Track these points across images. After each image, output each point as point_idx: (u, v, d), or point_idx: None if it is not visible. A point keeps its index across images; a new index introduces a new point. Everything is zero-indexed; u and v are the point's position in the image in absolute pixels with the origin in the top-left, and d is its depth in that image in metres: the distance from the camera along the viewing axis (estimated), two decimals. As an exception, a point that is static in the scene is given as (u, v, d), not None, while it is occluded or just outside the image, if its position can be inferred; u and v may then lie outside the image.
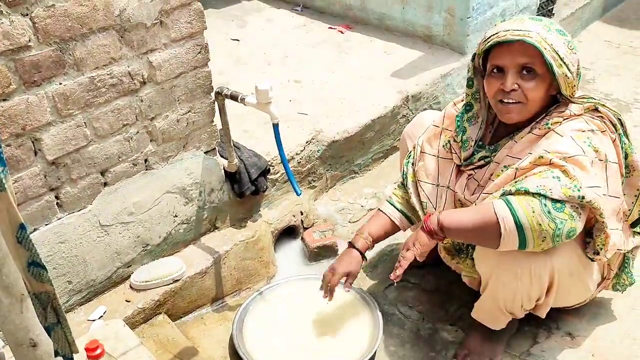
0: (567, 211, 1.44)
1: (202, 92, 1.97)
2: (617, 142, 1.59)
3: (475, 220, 1.53)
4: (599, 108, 1.59)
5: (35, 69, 1.54)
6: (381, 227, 1.95)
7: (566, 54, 1.51)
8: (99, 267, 1.91)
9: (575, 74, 1.54)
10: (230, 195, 2.22)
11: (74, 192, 1.77)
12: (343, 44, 3.42)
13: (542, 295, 1.66)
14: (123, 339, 1.72)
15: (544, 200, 1.43)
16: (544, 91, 1.56)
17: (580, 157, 1.48)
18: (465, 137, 1.74)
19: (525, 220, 1.43)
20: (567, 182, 1.44)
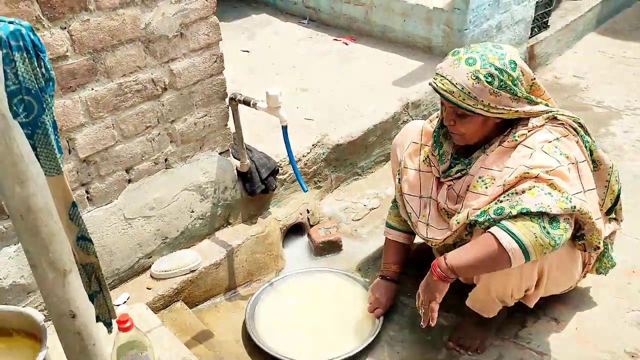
0: (562, 226, 1.60)
1: (217, 98, 2.16)
2: (580, 143, 1.75)
3: (482, 256, 1.65)
4: (557, 116, 1.75)
5: (72, 76, 1.73)
6: (399, 254, 2.20)
7: (492, 99, 1.65)
8: (123, 257, 2.09)
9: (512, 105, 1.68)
10: (242, 194, 2.40)
11: (102, 187, 1.95)
12: (347, 54, 3.61)
13: (532, 287, 1.81)
14: (146, 320, 1.89)
15: (541, 221, 1.57)
16: (479, 124, 1.73)
17: (560, 169, 1.63)
18: (442, 151, 1.92)
19: (529, 244, 1.58)
20: (559, 197, 1.59)
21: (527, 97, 1.72)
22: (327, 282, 2.30)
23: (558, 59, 4.19)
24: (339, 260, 2.52)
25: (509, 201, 1.64)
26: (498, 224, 1.62)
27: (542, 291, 1.84)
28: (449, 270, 1.71)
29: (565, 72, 4.01)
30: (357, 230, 2.67)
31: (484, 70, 1.65)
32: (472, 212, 1.74)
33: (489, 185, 1.74)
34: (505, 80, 1.66)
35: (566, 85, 3.84)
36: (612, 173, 1.87)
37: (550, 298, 2.09)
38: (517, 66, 1.70)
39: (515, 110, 1.70)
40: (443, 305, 2.13)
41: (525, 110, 1.72)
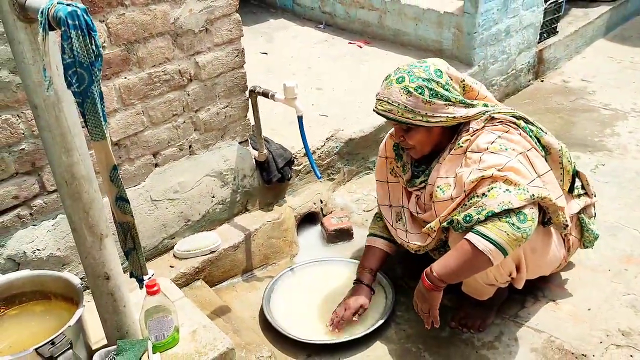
0: (529, 217, 1.70)
1: (238, 90, 2.32)
2: (523, 134, 1.87)
3: (464, 262, 1.76)
4: (495, 116, 1.87)
5: (107, 65, 1.90)
6: (376, 258, 2.25)
7: (427, 108, 1.80)
8: (148, 236, 2.24)
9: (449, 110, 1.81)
10: (260, 182, 2.55)
11: (132, 169, 2.12)
12: (361, 57, 3.77)
13: (513, 272, 1.92)
14: (170, 292, 2.03)
15: (509, 218, 1.68)
16: (425, 134, 1.88)
17: (510, 163, 1.75)
18: (403, 162, 2.09)
19: (504, 242, 1.69)
20: (516, 190, 1.70)
21: (461, 101, 1.86)
22: (342, 271, 2.42)
23: (567, 63, 4.30)
24: (350, 248, 2.64)
25: (474, 207, 1.74)
26: (472, 230, 1.73)
27: (525, 274, 1.94)
28: (437, 280, 1.82)
29: (574, 76, 4.12)
30: (367, 220, 2.79)
31: (413, 84, 1.81)
32: (442, 218, 1.87)
33: (446, 192, 1.87)
34: (435, 87, 1.81)
35: (574, 89, 3.95)
36: (564, 155, 1.97)
37: (549, 281, 2.21)
38: (442, 73, 1.84)
39: (452, 117, 1.83)
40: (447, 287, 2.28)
41: (462, 115, 1.85)
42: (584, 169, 2.86)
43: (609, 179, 2.90)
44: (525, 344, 2.01)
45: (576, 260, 2.31)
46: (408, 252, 2.51)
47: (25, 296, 1.71)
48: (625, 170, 2.98)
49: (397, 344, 2.10)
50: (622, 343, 1.97)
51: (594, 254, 2.33)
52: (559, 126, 3.44)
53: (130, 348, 1.63)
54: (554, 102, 3.79)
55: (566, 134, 3.37)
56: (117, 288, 1.62)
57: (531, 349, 1.99)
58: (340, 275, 2.40)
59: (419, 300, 1.92)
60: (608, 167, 3.02)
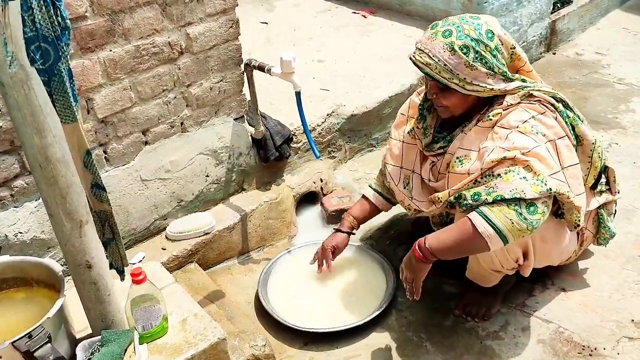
0: (540, 210, 1.59)
1: (232, 63, 2.18)
2: (559, 119, 1.72)
3: (460, 240, 1.67)
4: (534, 93, 1.72)
5: (90, 37, 1.77)
6: (363, 210, 2.20)
7: (469, 74, 1.65)
8: (139, 217, 2.14)
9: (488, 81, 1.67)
10: (256, 160, 2.43)
11: (119, 148, 2.00)
12: (365, 27, 3.60)
13: (520, 259, 1.82)
14: (160, 277, 1.94)
15: (518, 207, 1.57)
16: (460, 98, 1.73)
17: (537, 149, 1.62)
18: (426, 124, 1.93)
19: (505, 230, 1.59)
20: (533, 180, 1.58)
21: (504, 73, 1.71)
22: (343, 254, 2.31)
23: (581, 35, 4.12)
24: (350, 229, 2.55)
25: (485, 186, 1.65)
26: (476, 210, 1.63)
27: (532, 262, 1.84)
28: (428, 253, 1.72)
29: (587, 48, 3.95)
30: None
31: (460, 41, 1.65)
32: (451, 192, 1.76)
33: (464, 164, 1.76)
34: (482, 51, 1.66)
35: (587, 62, 3.79)
36: (595, 149, 1.82)
37: (558, 269, 2.11)
38: (494, 35, 1.69)
39: (490, 89, 1.70)
40: (451, 273, 2.19)
41: (501, 89, 1.71)
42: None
43: (622, 158, 2.77)
44: (533, 335, 1.92)
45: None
46: (410, 235, 2.43)
47: (5, 283, 1.64)
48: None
49: (398, 332, 2.02)
50: (635, 335, 1.88)
51: (605, 239, 2.22)
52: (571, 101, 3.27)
53: (116, 339, 1.54)
54: (566, 76, 3.64)
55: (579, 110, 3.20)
56: (100, 277, 1.52)
57: (538, 340, 1.90)
58: (340, 258, 2.29)
59: (406, 268, 1.82)
60: (622, 145, 2.89)
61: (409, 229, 2.47)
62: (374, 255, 2.28)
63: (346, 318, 2.03)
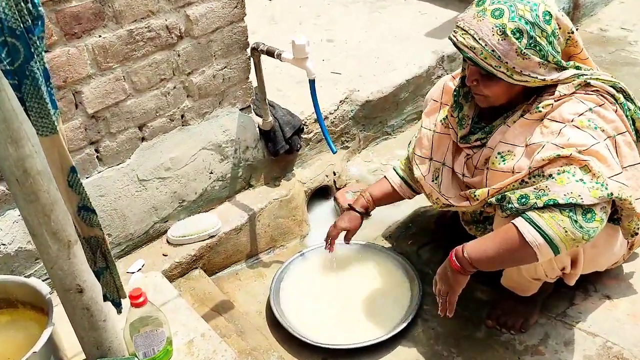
0: (598, 217, 1.39)
1: (238, 48, 1.95)
2: (619, 112, 1.51)
3: (504, 250, 1.47)
4: (591, 82, 1.51)
5: (76, 21, 1.54)
6: (382, 191, 2.02)
7: (519, 63, 1.44)
8: (137, 221, 1.94)
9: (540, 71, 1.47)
10: (265, 154, 2.22)
11: (113, 146, 1.79)
12: (376, 3, 3.35)
13: (567, 267, 1.62)
14: (162, 290, 1.75)
15: (573, 214, 1.38)
16: (505, 88, 1.52)
17: (596, 147, 1.41)
18: (462, 114, 1.71)
19: (558, 239, 1.39)
20: (592, 183, 1.38)
21: (558, 62, 1.49)
22: (361, 256, 2.12)
23: (604, 9, 3.86)
24: (367, 227, 2.33)
25: (534, 188, 1.43)
26: (522, 215, 1.44)
27: (580, 270, 1.65)
28: (467, 263, 1.52)
29: (612, 24, 3.70)
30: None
31: (512, 24, 1.42)
32: (492, 191, 1.56)
33: (507, 161, 1.55)
34: (537, 37, 1.44)
35: (613, 39, 3.54)
36: None
37: (601, 273, 1.91)
38: (552, 18, 1.47)
39: (541, 79, 1.48)
40: (482, 278, 1.99)
41: (553, 79, 1.50)
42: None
43: (659, 146, 2.56)
44: (577, 350, 1.73)
45: (631, 247, 2.00)
46: (433, 232, 2.23)
47: (-13, 304, 1.44)
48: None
49: (426, 345, 1.83)
50: (691, 350, 1.69)
51: (650, 239, 2.02)
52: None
53: (113, 369, 1.36)
54: (591, 54, 3.26)
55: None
56: (93, 301, 1.32)
57: (584, 356, 1.71)
58: (358, 261, 2.10)
59: (441, 280, 1.62)
60: (658, 131, 2.67)
61: (432, 227, 2.27)
62: (396, 258, 2.08)
63: (368, 331, 1.84)
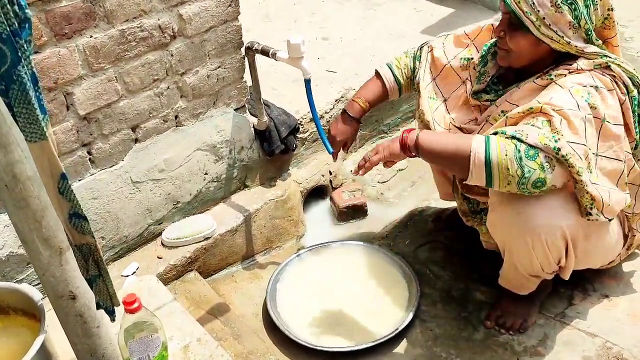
0: (539, 160, 1.39)
1: (232, 47, 1.93)
2: (626, 104, 1.50)
3: (450, 149, 1.51)
4: (612, 66, 1.49)
5: (66, 21, 1.51)
6: (375, 92, 1.96)
7: (551, 15, 1.43)
8: (131, 223, 1.91)
9: (567, 32, 1.46)
10: (260, 154, 2.19)
11: (106, 147, 1.76)
12: (371, 0, 3.33)
13: (562, 258, 1.61)
14: (157, 294, 1.73)
15: (519, 144, 1.39)
16: (530, 44, 1.51)
17: (570, 112, 1.41)
18: (484, 70, 1.70)
19: (495, 160, 1.40)
20: (546, 132, 1.39)
21: (588, 31, 1.49)
22: (357, 257, 2.10)
23: (599, 5, 3.85)
24: (364, 227, 2.33)
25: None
26: (486, 136, 1.46)
27: (573, 262, 1.63)
28: (413, 145, 1.56)
29: (607, 20, 3.69)
30: (383, 194, 2.47)
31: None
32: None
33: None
34: None
35: (608, 35, 3.53)
36: None
37: (600, 272, 1.90)
38: None
39: (566, 41, 1.47)
40: (481, 278, 1.99)
41: (578, 47, 1.49)
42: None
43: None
44: (576, 351, 1.71)
45: (630, 245, 1.98)
46: (430, 232, 2.22)
47: (-22, 311, 1.41)
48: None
49: (424, 346, 1.81)
50: (692, 350, 1.68)
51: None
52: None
53: (108, 376, 1.33)
54: (587, 51, 3.38)
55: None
56: (86, 308, 1.29)
57: (583, 356, 1.70)
58: (355, 262, 2.08)
59: (382, 146, 1.63)
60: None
61: (429, 226, 2.25)
62: (393, 259, 2.06)
63: (366, 333, 1.82)
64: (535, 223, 1.51)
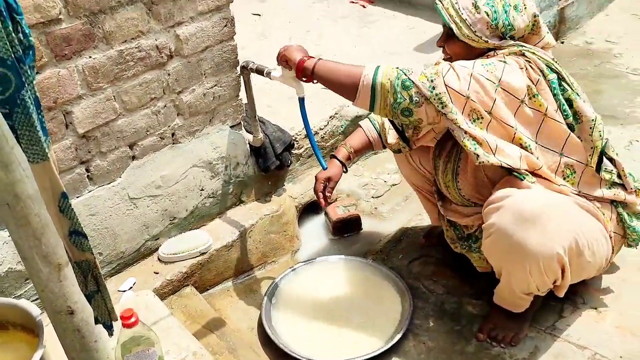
0: (411, 92, 1.59)
1: (228, 66, 1.97)
2: (541, 84, 1.63)
3: (343, 73, 1.69)
4: (526, 54, 1.64)
5: (66, 42, 1.56)
6: (360, 142, 2.08)
7: (471, 17, 1.62)
8: (128, 239, 1.94)
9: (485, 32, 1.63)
10: (255, 170, 2.23)
11: (104, 165, 1.79)
12: (365, 18, 3.40)
13: (558, 279, 1.66)
14: (153, 309, 1.75)
15: (401, 75, 1.60)
16: (462, 49, 1.69)
17: (460, 68, 1.59)
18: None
19: (379, 83, 1.61)
20: (429, 73, 1.59)
21: (504, 33, 1.65)
22: (353, 272, 2.13)
23: (589, 22, 3.93)
24: (358, 241, 2.36)
25: None
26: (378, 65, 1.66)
27: (569, 280, 1.69)
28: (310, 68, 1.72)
29: (597, 36, 3.76)
30: (377, 208, 2.51)
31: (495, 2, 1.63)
32: None
33: None
34: (496, 2, 1.62)
35: (598, 51, 3.60)
36: (596, 126, 1.69)
37: (589, 284, 1.94)
38: None
39: (484, 40, 1.65)
40: (473, 291, 2.02)
41: (496, 44, 1.66)
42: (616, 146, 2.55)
43: (644, 158, 2.60)
44: (567, 363, 1.75)
45: (617, 259, 2.01)
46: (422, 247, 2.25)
47: (-24, 326, 1.43)
48: (658, 144, 2.68)
49: (417, 360, 1.84)
50: (679, 361, 1.71)
51: (636, 251, 2.03)
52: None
53: (105, 391, 1.35)
54: (576, 67, 3.44)
55: (593, 104, 3.01)
56: (84, 323, 1.31)
57: (573, 368, 1.73)
58: (350, 276, 2.11)
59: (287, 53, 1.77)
60: (643, 143, 2.71)
61: (421, 242, 2.29)
62: (387, 273, 2.10)
63: (360, 346, 1.84)
64: (531, 250, 1.57)
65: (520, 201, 1.58)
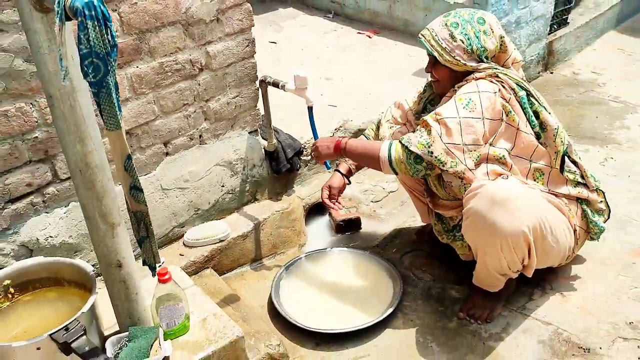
0: (423, 165, 1.91)
1: (248, 80, 2.32)
2: (513, 101, 1.95)
3: (366, 153, 2.04)
4: (499, 75, 1.96)
5: (119, 55, 1.91)
6: None
7: (449, 45, 1.94)
8: (159, 224, 2.26)
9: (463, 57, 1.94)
10: (269, 172, 2.56)
11: (143, 158, 2.13)
12: (370, 46, 3.76)
13: (526, 258, 1.95)
14: (180, 280, 2.04)
15: (408, 152, 1.91)
16: (447, 73, 2.02)
17: (448, 120, 1.88)
18: (424, 95, 2.28)
19: (395, 162, 1.94)
20: (423, 139, 1.88)
21: (479, 55, 1.96)
22: (353, 261, 2.44)
23: (577, 55, 4.27)
24: (358, 239, 2.66)
25: None
26: (392, 142, 1.98)
27: (535, 260, 1.96)
28: (343, 147, 2.08)
29: (584, 68, 4.10)
30: (375, 211, 2.81)
31: (453, 19, 1.97)
32: None
33: None
34: (468, 30, 1.94)
35: (584, 81, 3.93)
36: (558, 134, 2.01)
37: (557, 274, 2.22)
38: (485, 22, 1.97)
39: (463, 63, 1.96)
40: (456, 279, 2.30)
41: (473, 66, 1.97)
42: (593, 162, 2.86)
43: (618, 172, 2.89)
44: (533, 336, 2.02)
45: (585, 253, 2.31)
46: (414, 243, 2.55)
47: (38, 282, 1.73)
48: (635, 163, 2.98)
49: (405, 334, 2.11)
50: (630, 336, 1.98)
51: (602, 247, 2.34)
52: (568, 118, 3.43)
53: (142, 335, 1.65)
54: (563, 95, 3.78)
55: (576, 126, 3.36)
56: (129, 276, 1.63)
57: (538, 340, 2.00)
58: (349, 264, 2.42)
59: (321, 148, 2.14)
60: (617, 160, 3.01)
61: (413, 238, 2.58)
62: (382, 263, 2.40)
63: (356, 320, 2.13)
64: (501, 229, 1.86)
65: (493, 189, 1.87)
